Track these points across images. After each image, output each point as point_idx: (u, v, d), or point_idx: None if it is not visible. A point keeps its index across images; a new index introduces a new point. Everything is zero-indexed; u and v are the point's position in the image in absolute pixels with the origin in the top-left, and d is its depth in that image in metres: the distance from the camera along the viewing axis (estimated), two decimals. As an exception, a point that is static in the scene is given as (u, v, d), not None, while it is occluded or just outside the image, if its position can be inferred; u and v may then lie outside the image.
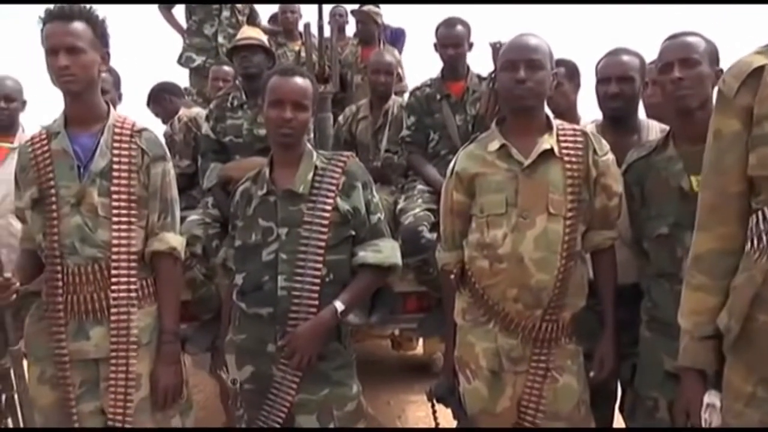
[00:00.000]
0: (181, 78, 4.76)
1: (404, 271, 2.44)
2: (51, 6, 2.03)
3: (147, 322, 2.15)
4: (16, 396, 1.98)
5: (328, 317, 2.09)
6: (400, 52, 5.00)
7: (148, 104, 4.08)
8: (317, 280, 2.09)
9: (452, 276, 2.24)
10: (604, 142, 2.16)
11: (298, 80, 2.13)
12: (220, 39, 4.70)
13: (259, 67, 3.25)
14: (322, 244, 2.10)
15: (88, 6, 2.07)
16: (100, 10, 2.09)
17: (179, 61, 4.75)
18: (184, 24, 4.89)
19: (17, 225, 2.81)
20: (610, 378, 2.22)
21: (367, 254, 2.17)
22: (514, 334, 2.11)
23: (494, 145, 2.12)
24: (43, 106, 3.32)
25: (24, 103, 3.30)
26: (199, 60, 4.69)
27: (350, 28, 5.28)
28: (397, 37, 5.40)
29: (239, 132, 3.23)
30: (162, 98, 3.98)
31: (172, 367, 2.17)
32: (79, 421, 2.10)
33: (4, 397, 2.00)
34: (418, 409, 4.20)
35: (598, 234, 2.19)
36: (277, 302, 2.08)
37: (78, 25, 2.01)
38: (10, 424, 1.99)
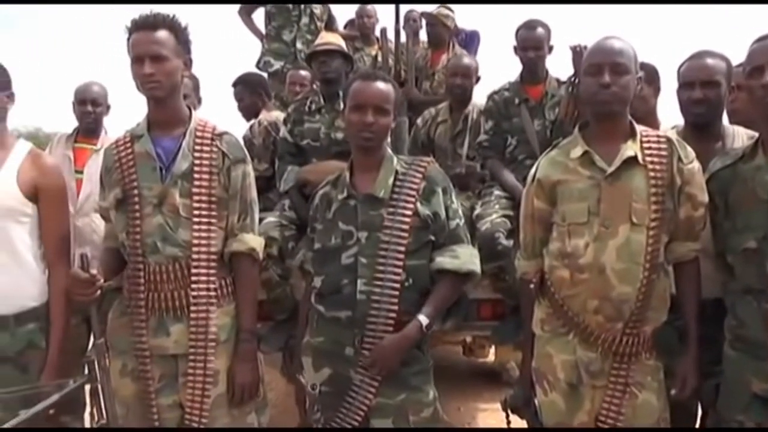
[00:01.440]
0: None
1: (480, 278, 2.42)
2: (136, 16, 2.10)
3: (225, 320, 2.20)
4: (99, 387, 2.05)
5: (413, 333, 2.09)
6: (474, 55, 4.95)
7: (236, 85, 4.07)
8: (397, 285, 2.09)
9: (531, 285, 2.20)
10: (689, 149, 2.07)
11: (380, 85, 2.14)
12: (299, 45, 4.78)
13: (338, 72, 3.28)
14: (402, 249, 2.10)
15: (171, 14, 2.13)
16: (182, 17, 2.16)
17: (258, 66, 4.84)
18: (263, 29, 4.99)
19: (99, 223, 2.94)
20: (691, 397, 2.13)
21: (444, 260, 2.16)
22: (594, 347, 2.06)
23: (577, 152, 2.07)
24: (123, 110, 3.47)
25: (108, 107, 3.44)
26: (277, 65, 4.77)
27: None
28: (471, 40, 5.36)
29: (317, 135, 3.26)
30: (258, 92, 3.99)
31: (249, 365, 2.22)
32: (158, 414, 2.17)
33: (89, 387, 2.07)
34: (488, 417, 4.14)
35: (681, 245, 2.10)
36: (356, 306, 2.09)
37: (162, 34, 2.08)
38: (95, 414, 2.07)
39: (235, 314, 2.23)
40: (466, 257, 2.18)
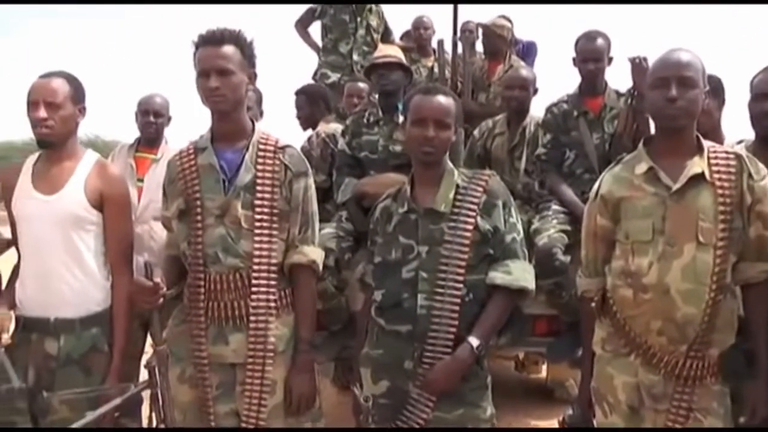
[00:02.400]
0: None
1: (536, 293, 2.38)
2: (203, 31, 2.16)
3: (284, 331, 2.22)
4: (159, 392, 2.09)
5: (465, 356, 2.07)
6: (531, 66, 4.91)
7: (298, 94, 4.10)
8: (457, 300, 2.08)
9: (593, 303, 2.16)
10: (761, 165, 2.00)
11: (441, 99, 2.14)
12: (355, 56, 4.82)
13: (396, 85, 3.30)
14: (463, 263, 2.09)
15: (237, 29, 2.17)
16: (247, 31, 2.19)
17: (314, 78, 4.89)
18: (319, 42, 5.04)
19: (158, 230, 3.04)
20: (761, 426, 2.03)
21: (496, 275, 2.13)
22: (656, 369, 2.00)
23: (641, 168, 2.02)
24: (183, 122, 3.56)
25: (169, 118, 3.54)
26: (333, 77, 4.80)
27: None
28: (528, 51, 5.32)
29: (374, 148, 3.28)
30: (318, 103, 4.02)
31: (307, 376, 2.23)
32: (215, 421, 2.20)
33: (150, 392, 2.12)
34: (541, 435, 4.07)
35: (751, 266, 2.02)
36: (417, 320, 2.09)
37: (228, 49, 2.12)
38: (153, 419, 2.11)
39: (293, 325, 2.25)
40: (518, 273, 2.15)
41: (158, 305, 2.07)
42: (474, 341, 2.07)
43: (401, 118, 3.28)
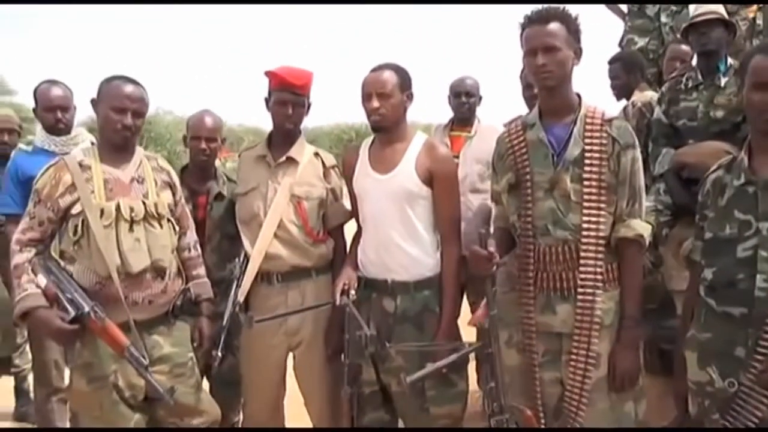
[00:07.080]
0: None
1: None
2: (530, 11, 2.23)
3: (610, 305, 2.23)
4: (492, 354, 2.25)
5: None
6: None
7: (612, 62, 4.02)
8: None
9: None
10: None
11: None
12: (663, 18, 4.53)
13: (718, 43, 3.08)
14: None
15: (562, 6, 2.22)
16: (573, 9, 2.22)
17: (620, 45, 4.72)
18: (624, 8, 4.86)
19: (474, 202, 3.26)
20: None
21: None
22: None
23: None
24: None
25: (480, 98, 3.77)
26: (641, 42, 4.58)
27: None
28: None
29: (693, 115, 3.11)
30: (634, 72, 3.89)
31: (632, 352, 2.23)
32: (540, 386, 2.29)
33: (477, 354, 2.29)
34: None
35: None
36: (754, 303, 1.93)
37: (554, 26, 2.18)
38: (486, 378, 2.26)
39: (618, 300, 2.25)
40: None
41: (492, 273, 2.22)
42: None
43: (723, 80, 3.06)
